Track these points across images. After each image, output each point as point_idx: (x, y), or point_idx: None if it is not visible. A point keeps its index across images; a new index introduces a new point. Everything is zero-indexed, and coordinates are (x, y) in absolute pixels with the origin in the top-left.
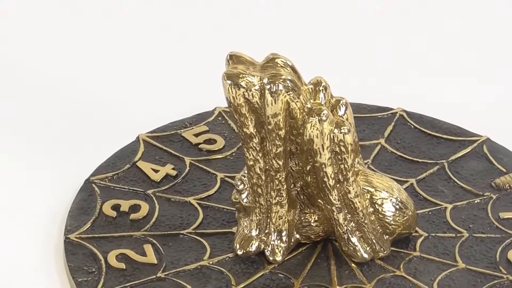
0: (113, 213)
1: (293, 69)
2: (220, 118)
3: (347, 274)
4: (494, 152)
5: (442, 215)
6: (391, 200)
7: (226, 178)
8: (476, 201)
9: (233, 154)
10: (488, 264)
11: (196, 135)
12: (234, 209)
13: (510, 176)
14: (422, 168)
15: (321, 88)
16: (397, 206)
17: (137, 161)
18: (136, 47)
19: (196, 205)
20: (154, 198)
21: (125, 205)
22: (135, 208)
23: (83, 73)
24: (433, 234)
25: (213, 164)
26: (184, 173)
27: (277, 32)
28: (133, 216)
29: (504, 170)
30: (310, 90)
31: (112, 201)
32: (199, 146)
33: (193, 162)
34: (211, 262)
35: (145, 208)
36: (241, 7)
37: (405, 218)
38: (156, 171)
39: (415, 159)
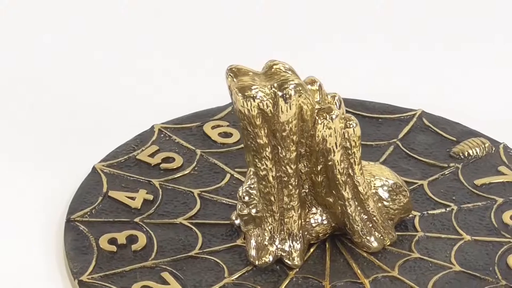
0: (113, 248)
1: (293, 72)
2: (162, 135)
3: (367, 265)
4: (435, 123)
5: (422, 192)
6: (392, 186)
7: (203, 194)
8: (446, 173)
9: (196, 168)
10: (488, 231)
11: (151, 155)
12: (228, 222)
13: (466, 143)
14: (378, 151)
15: (316, 87)
16: (397, 191)
17: (107, 192)
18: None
19: (189, 225)
20: (144, 226)
21: (120, 237)
22: (132, 239)
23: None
24: (425, 212)
25: (182, 182)
26: (160, 196)
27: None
28: (134, 247)
29: (455, 139)
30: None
31: (106, 236)
32: (160, 166)
33: (162, 183)
34: (233, 279)
35: (142, 237)
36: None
37: (406, 201)
38: (132, 198)
39: (367, 143)
